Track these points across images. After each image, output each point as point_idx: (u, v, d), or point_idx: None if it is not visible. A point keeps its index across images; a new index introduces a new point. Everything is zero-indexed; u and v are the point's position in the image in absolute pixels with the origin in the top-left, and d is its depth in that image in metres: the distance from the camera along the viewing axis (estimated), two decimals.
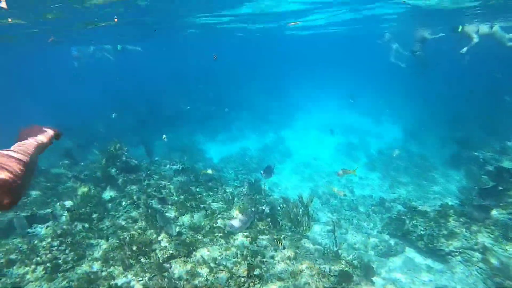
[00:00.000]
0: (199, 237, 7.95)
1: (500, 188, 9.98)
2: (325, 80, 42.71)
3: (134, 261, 6.98)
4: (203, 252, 7.33)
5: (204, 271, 6.68)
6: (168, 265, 6.80)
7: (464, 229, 8.96)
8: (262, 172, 10.46)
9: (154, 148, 20.97)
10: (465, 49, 13.77)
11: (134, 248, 7.24)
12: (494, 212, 9.31)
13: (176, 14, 16.51)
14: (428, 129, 20.48)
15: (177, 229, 8.21)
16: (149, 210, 9.02)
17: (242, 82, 35.64)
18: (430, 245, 8.74)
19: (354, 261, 7.45)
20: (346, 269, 6.97)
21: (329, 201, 12.87)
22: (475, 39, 13.50)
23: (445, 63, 28.68)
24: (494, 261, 8.22)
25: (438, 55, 25.28)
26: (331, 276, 6.71)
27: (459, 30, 13.66)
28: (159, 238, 7.88)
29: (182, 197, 10.16)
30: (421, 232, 9.16)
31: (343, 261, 7.41)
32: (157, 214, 8.50)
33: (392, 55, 19.18)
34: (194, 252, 7.34)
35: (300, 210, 8.57)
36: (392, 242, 9.56)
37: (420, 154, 17.46)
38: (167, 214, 8.94)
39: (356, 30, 26.81)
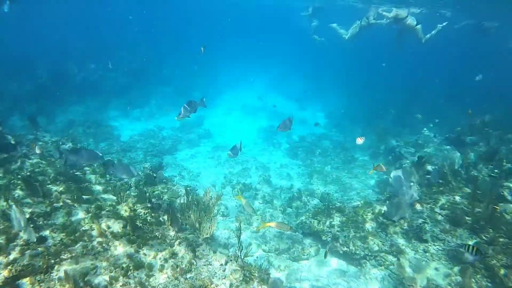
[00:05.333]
0: (69, 243, 6.11)
1: None
2: (256, 59, 41.34)
3: None
4: (69, 267, 5.54)
5: None
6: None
7: (380, 230, 8.38)
8: None
9: (55, 121, 17.98)
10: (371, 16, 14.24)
11: None
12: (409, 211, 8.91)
13: None
14: (350, 118, 20.46)
15: (46, 231, 6.25)
16: (9, 204, 6.87)
17: (167, 53, 32.80)
18: (345, 248, 7.98)
19: (262, 275, 6.29)
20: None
21: (242, 191, 11.67)
22: (391, 15, 13.76)
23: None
24: (406, 264, 7.74)
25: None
26: None
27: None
28: (12, 244, 5.87)
29: (64, 185, 8.10)
30: (337, 233, 8.38)
31: (247, 272, 6.22)
32: (14, 210, 6.40)
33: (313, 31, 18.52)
34: (56, 266, 5.51)
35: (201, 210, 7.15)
36: (306, 242, 8.68)
37: (341, 144, 17.16)
38: (35, 210, 6.86)
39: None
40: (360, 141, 9.53)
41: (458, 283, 6.88)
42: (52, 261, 5.47)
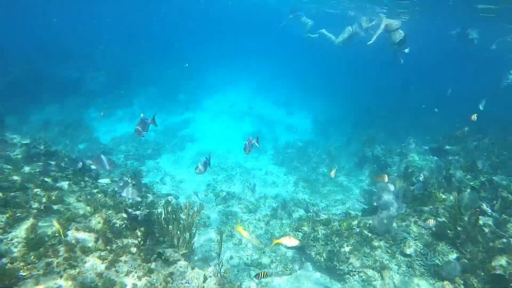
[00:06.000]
0: (31, 260, 5.66)
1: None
2: (245, 63, 40.90)
3: None
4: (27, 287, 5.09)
5: None
6: None
7: (364, 244, 8.17)
8: None
9: (29, 121, 17.27)
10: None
11: None
12: (394, 225, 8.73)
13: None
14: (336, 125, 20.38)
15: (4, 246, 5.79)
16: None
17: (153, 55, 32.12)
18: (329, 263, 7.74)
19: None
20: None
21: (226, 200, 11.33)
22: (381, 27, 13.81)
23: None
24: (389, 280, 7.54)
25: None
26: None
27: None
28: None
29: (32, 193, 7.62)
30: (321, 246, 8.13)
31: None
32: None
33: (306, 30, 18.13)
34: None
35: (182, 221, 6.82)
36: (290, 256, 8.41)
37: (328, 151, 16.97)
38: None
39: None
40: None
41: None
42: (7, 282, 5.01)
